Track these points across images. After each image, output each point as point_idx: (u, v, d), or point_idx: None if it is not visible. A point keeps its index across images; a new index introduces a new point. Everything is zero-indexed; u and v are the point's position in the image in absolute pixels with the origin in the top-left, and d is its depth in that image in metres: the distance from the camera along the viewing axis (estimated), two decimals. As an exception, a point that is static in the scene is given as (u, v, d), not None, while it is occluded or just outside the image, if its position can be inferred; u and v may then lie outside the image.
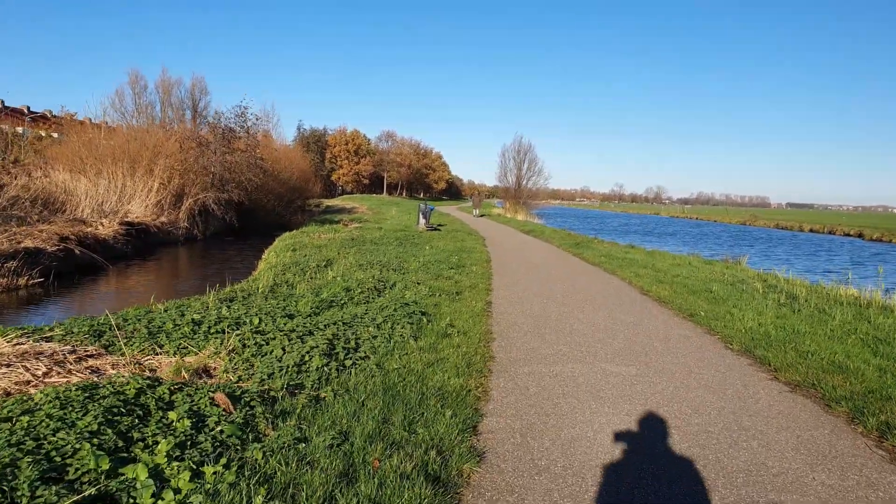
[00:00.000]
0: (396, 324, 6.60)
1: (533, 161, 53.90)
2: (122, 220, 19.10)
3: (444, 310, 8.26)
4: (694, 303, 9.98)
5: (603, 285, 12.15)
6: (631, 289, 11.87)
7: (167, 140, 25.12)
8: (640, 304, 10.12)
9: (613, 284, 12.32)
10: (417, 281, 10.77)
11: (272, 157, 34.37)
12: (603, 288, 11.77)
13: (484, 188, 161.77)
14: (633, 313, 9.22)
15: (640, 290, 11.66)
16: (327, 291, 8.55)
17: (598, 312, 9.17)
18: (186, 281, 14.74)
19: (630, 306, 9.82)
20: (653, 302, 10.36)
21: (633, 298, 10.65)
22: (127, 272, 15.69)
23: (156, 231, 20.96)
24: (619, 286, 12.11)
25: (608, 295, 10.91)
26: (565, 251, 19.84)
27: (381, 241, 18.97)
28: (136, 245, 19.77)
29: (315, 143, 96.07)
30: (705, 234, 52.63)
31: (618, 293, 11.18)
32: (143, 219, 20.56)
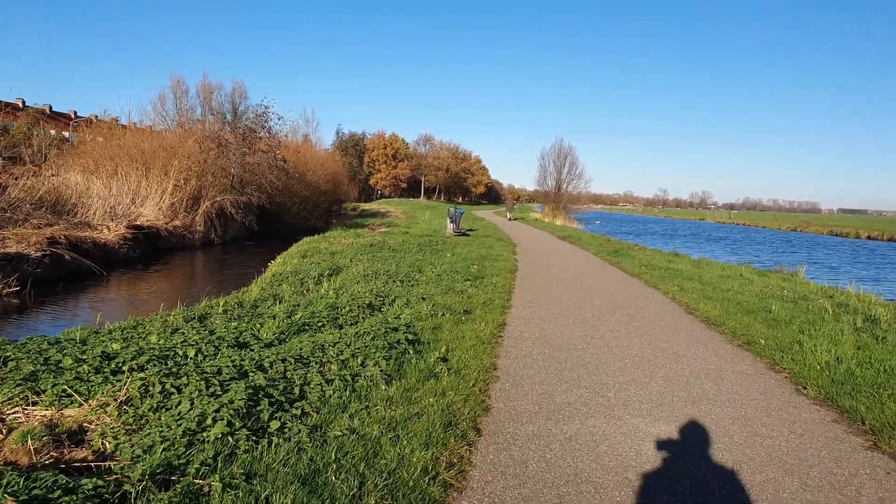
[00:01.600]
0: (369, 358, 5.18)
1: (573, 164, 52.16)
2: (130, 224, 18.19)
3: (443, 335, 6.83)
4: (750, 326, 8.34)
5: (642, 301, 10.54)
6: (674, 306, 10.25)
7: (185, 140, 24.31)
8: (685, 326, 8.52)
9: (654, 301, 10.71)
10: (423, 295, 9.37)
11: (298, 159, 33.45)
12: (641, 305, 10.17)
13: (524, 192, 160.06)
14: (677, 339, 7.64)
15: (685, 308, 10.04)
16: (302, 312, 7.17)
17: (633, 338, 7.61)
18: (184, 290, 13.64)
19: (673, 330, 8.23)
20: (700, 324, 8.74)
21: (676, 319, 9.04)
22: (124, 280, 14.70)
23: (167, 235, 20.04)
24: (660, 303, 10.50)
25: (647, 314, 9.32)
26: (602, 259, 18.19)
27: (402, 248, 17.64)
28: (146, 250, 18.87)
29: (353, 147, 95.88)
30: (756, 241, 49.87)
31: (659, 312, 9.58)
32: (154, 222, 19.66)
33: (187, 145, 23.90)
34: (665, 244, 37.13)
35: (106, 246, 15.96)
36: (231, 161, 24.59)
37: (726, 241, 49.57)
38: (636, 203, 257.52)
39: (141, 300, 12.46)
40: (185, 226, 21.46)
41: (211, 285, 12.71)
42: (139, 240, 18.16)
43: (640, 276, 14.11)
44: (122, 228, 17.57)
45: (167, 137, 24.09)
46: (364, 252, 16.21)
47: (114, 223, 17.82)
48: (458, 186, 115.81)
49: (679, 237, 51.85)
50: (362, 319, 7.48)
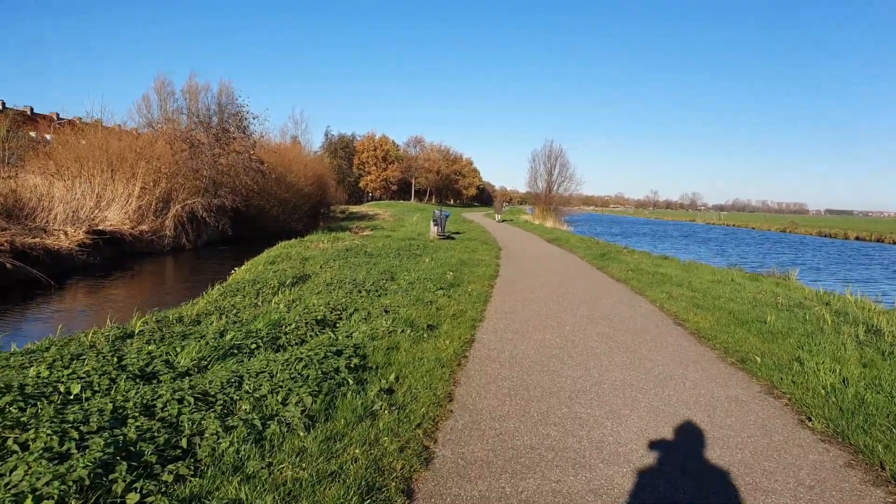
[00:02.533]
0: (293, 394, 4.32)
1: (564, 166, 51.40)
2: (91, 229, 17.27)
3: (397, 357, 6.02)
4: (744, 339, 7.58)
5: (627, 311, 9.76)
6: (662, 316, 9.47)
7: (154, 140, 23.36)
8: (674, 340, 7.74)
9: (641, 310, 9.93)
10: (388, 307, 8.55)
11: (278, 160, 32.52)
12: (627, 315, 9.39)
13: (517, 194, 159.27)
14: (664, 357, 6.85)
15: (673, 319, 9.27)
16: (235, 332, 6.28)
17: (615, 356, 6.82)
18: (138, 301, 12.75)
19: (660, 345, 7.44)
20: (689, 337, 7.97)
21: (664, 331, 8.26)
22: (77, 289, 13.79)
23: (133, 241, 19.09)
24: (647, 312, 9.72)
25: (632, 326, 8.53)
26: (588, 263, 17.43)
27: (380, 252, 16.81)
28: (110, 256, 17.96)
29: (343, 148, 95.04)
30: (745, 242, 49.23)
31: (645, 323, 8.80)
32: (118, 227, 18.71)
33: (157, 146, 22.96)
34: (654, 247, 36.48)
35: (59, 252, 15.03)
36: (203, 162, 23.66)
37: (713, 241, 48.95)
38: (627, 204, 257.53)
39: (87, 312, 11.58)
40: (153, 230, 20.49)
41: (171, 294, 11.85)
42: (100, 246, 17.24)
43: (627, 281, 13.35)
44: (80, 234, 16.65)
45: (137, 138, 23.09)
46: (338, 257, 15.37)
47: (73, 228, 16.90)
48: (450, 189, 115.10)
49: (669, 238, 51.20)
50: (310, 338, 6.66)
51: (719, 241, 50.86)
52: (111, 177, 20.34)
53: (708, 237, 55.71)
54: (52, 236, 15.74)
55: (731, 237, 56.72)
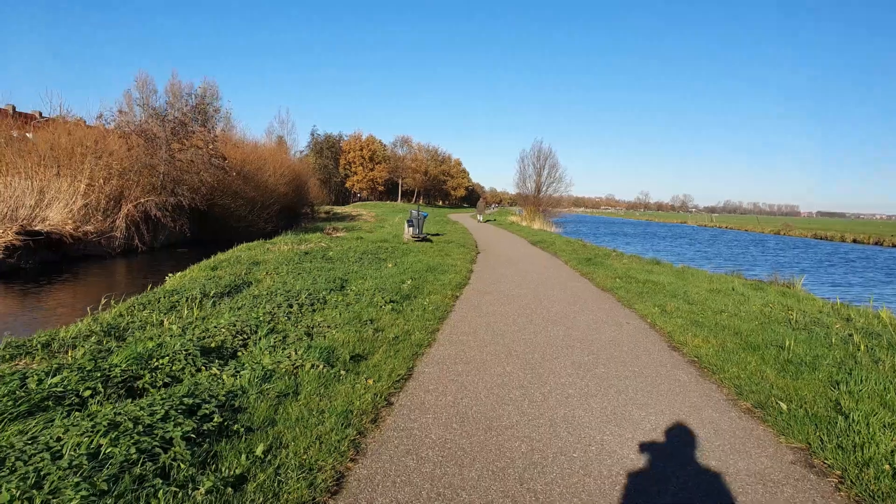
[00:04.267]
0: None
1: (554, 167, 49.77)
2: (23, 229, 15.46)
3: (288, 410, 4.32)
4: (759, 373, 5.94)
5: (612, 331, 8.10)
6: (654, 337, 7.82)
7: (106, 135, 21.49)
8: (669, 374, 6.07)
9: (628, 329, 8.27)
10: (313, 329, 6.85)
11: (246, 157, 30.65)
12: (611, 337, 7.72)
13: (507, 196, 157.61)
14: (657, 402, 5.19)
15: (668, 341, 7.62)
16: (67, 373, 4.56)
17: (593, 401, 5.15)
18: (43, 314, 10.99)
19: (652, 381, 5.78)
20: (689, 368, 6.32)
21: (657, 360, 6.60)
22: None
23: (74, 242, 17.25)
24: (636, 332, 8.07)
25: (617, 353, 6.87)
26: (573, 269, 15.79)
27: (341, 256, 15.09)
28: (47, 259, 16.17)
29: (329, 148, 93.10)
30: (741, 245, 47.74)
31: (633, 348, 7.14)
32: (57, 227, 16.87)
33: (109, 141, 21.10)
34: (645, 250, 34.91)
35: (-27, 257, 13.26)
36: (159, 158, 21.80)
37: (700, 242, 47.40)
38: (618, 206, 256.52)
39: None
40: (100, 231, 18.61)
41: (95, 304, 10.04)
42: (36, 248, 15.45)
43: (614, 291, 11.71)
44: (10, 235, 14.84)
45: (89, 131, 21.21)
46: (292, 262, 13.66)
47: (1, 229, 15.08)
48: (438, 189, 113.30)
49: (660, 240, 49.62)
50: (187, 376, 4.96)
51: (708, 242, 49.35)
52: (57, 173, 18.49)
53: (700, 239, 54.20)
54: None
55: (725, 240, 55.24)
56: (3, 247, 14.43)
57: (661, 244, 44.49)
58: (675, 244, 45.15)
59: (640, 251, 30.96)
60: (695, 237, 58.18)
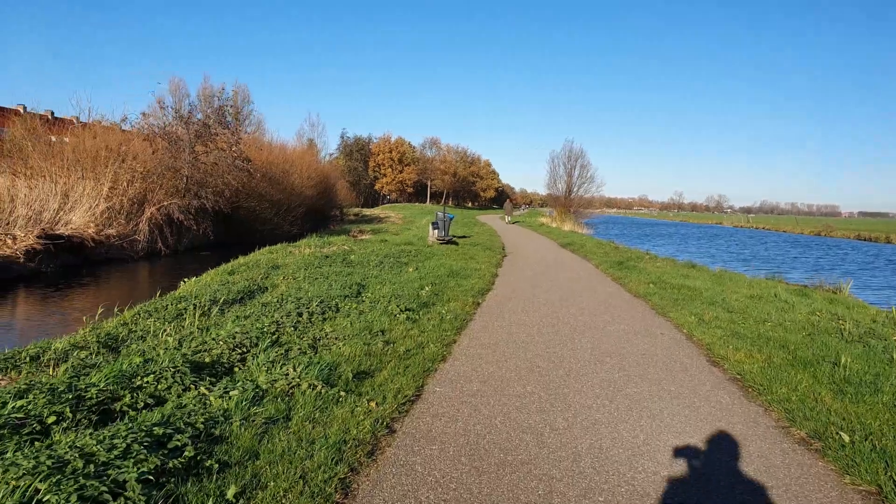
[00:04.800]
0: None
1: (584, 167, 48.70)
2: (45, 233, 15.34)
3: (274, 441, 3.82)
4: (812, 394, 5.28)
5: (645, 342, 7.46)
6: (691, 350, 7.17)
7: (130, 138, 21.41)
8: (711, 394, 5.43)
9: (663, 340, 7.62)
10: (318, 340, 6.39)
11: (271, 159, 30.47)
12: (644, 350, 7.09)
13: (537, 197, 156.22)
14: (698, 429, 4.56)
15: (706, 354, 6.96)
16: (34, 395, 4.11)
17: (622, 427, 4.55)
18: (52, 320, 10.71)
19: (689, 404, 5.15)
20: (732, 387, 5.67)
21: (695, 378, 5.95)
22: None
23: (95, 246, 17.11)
24: (671, 344, 7.42)
25: (651, 369, 6.23)
26: (604, 273, 15.11)
27: (362, 260, 14.64)
28: (70, 263, 16.04)
29: (358, 151, 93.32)
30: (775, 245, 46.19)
31: (668, 363, 6.50)
32: (78, 231, 16.76)
33: (134, 144, 21.04)
34: (679, 252, 33.86)
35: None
36: (183, 160, 21.66)
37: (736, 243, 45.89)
38: (651, 207, 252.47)
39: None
40: (123, 234, 18.49)
41: (108, 310, 9.74)
42: (57, 252, 15.32)
43: (648, 297, 11.04)
44: (31, 238, 14.71)
45: (113, 134, 21.17)
46: (311, 266, 13.25)
47: (22, 232, 14.98)
48: (467, 191, 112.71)
49: (694, 241, 48.25)
50: (172, 396, 4.52)
51: (743, 243, 47.81)
52: (81, 176, 18.45)
53: (736, 240, 52.62)
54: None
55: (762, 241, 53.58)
56: (24, 251, 14.29)
57: (695, 245, 43.28)
58: (710, 245, 43.86)
59: (673, 253, 30.02)
60: (731, 238, 56.56)
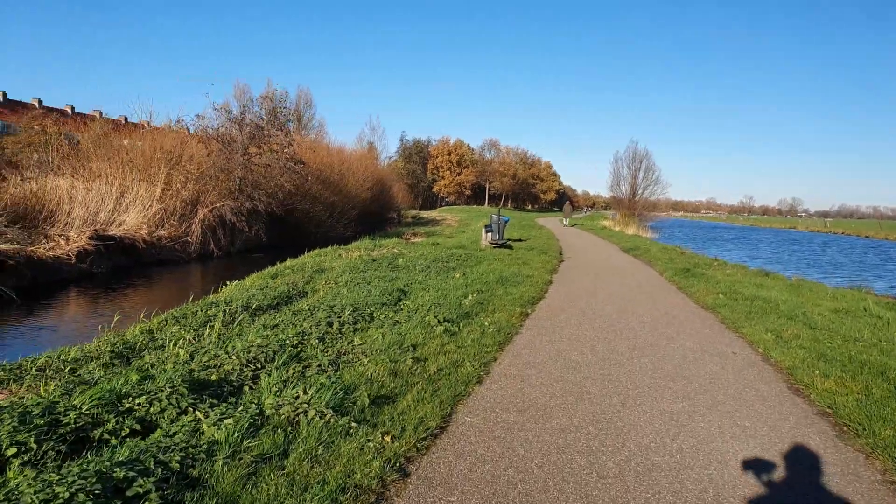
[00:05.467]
0: None
1: (650, 169, 46.95)
2: (97, 234, 15.39)
3: (259, 488, 3.18)
4: (928, 439, 4.31)
5: (715, 364, 6.53)
6: (769, 374, 6.22)
7: (185, 140, 21.53)
8: (795, 434, 4.53)
9: (735, 363, 6.67)
10: (342, 355, 5.78)
11: (323, 161, 30.34)
12: (713, 373, 6.17)
13: (600, 199, 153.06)
14: (781, 480, 3.70)
15: (787, 381, 6.02)
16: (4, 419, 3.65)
17: (688, 476, 3.72)
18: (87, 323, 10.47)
19: (771, 448, 4.26)
20: (822, 426, 4.74)
21: (776, 413, 5.03)
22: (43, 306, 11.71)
23: (146, 247, 17.14)
24: (745, 367, 6.47)
25: (722, 400, 5.32)
26: (668, 281, 14.06)
27: (409, 264, 14.04)
28: (121, 264, 16.08)
29: (417, 153, 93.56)
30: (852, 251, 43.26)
31: (743, 392, 5.57)
32: (131, 232, 16.81)
33: (189, 146, 21.17)
34: (749, 257, 32.00)
35: (42, 261, 13.11)
36: (236, 162, 21.64)
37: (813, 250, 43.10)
38: (719, 210, 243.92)
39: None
40: (174, 236, 18.52)
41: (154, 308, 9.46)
42: (106, 253, 15.36)
43: (717, 309, 10.02)
44: (83, 239, 14.77)
45: (168, 136, 21.37)
46: (355, 270, 12.75)
47: (75, 233, 15.07)
48: (527, 193, 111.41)
49: (766, 245, 45.70)
50: (165, 421, 3.99)
51: (820, 250, 44.95)
52: (136, 178, 18.62)
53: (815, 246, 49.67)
54: (48, 243, 14.00)
55: (841, 247, 50.41)
56: (76, 251, 14.34)
57: (765, 250, 40.99)
58: (782, 250, 41.45)
59: (742, 259, 28.37)
60: (810, 244, 53.47)
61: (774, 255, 37.30)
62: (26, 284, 12.39)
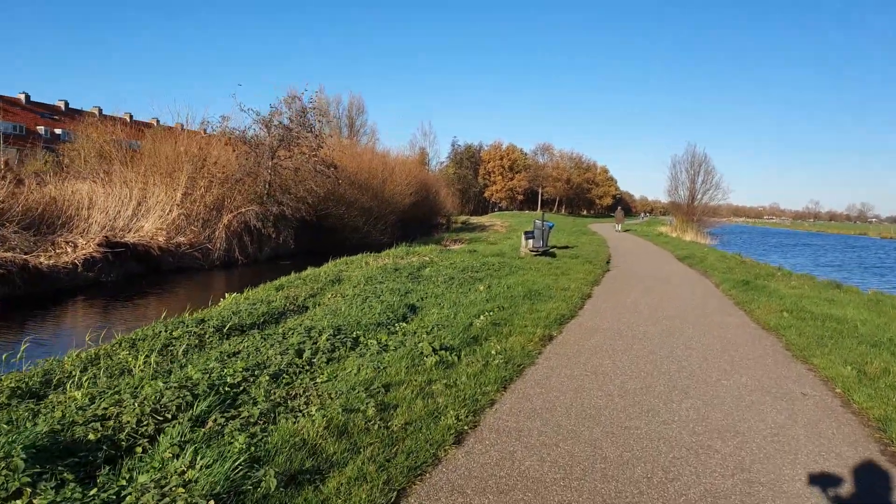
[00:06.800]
0: None
1: (709, 173, 44.52)
2: (107, 241, 14.72)
3: None
4: None
5: (778, 413, 5.07)
6: (852, 428, 4.75)
7: (209, 143, 20.86)
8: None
9: (805, 411, 5.19)
10: (278, 407, 4.56)
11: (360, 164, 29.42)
12: (777, 426, 4.72)
13: (658, 204, 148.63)
14: None
15: (879, 441, 4.55)
16: None
17: None
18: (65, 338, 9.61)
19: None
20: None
21: (866, 486, 3.60)
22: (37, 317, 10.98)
23: (162, 254, 16.41)
24: (819, 419, 4.99)
25: (790, 473, 3.90)
26: (725, 295, 12.45)
27: (435, 274, 12.84)
28: (132, 272, 15.36)
29: (468, 159, 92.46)
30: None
31: (817, 455, 4.13)
32: (145, 238, 16.08)
33: (212, 148, 20.52)
34: (816, 266, 29.52)
35: (38, 271, 12.43)
36: (263, 166, 20.85)
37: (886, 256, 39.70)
38: (783, 216, 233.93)
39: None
40: (195, 242, 17.76)
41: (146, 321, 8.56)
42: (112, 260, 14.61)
43: (781, 331, 8.48)
44: (91, 247, 14.12)
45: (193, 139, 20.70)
46: (373, 281, 11.65)
47: (84, 240, 14.46)
48: (581, 198, 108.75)
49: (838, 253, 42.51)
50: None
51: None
52: (160, 183, 18.04)
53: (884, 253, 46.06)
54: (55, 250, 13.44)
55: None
56: (83, 259, 13.70)
57: (827, 258, 38.11)
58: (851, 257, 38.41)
59: (808, 267, 26.12)
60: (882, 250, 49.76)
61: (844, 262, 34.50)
62: (20, 294, 11.74)
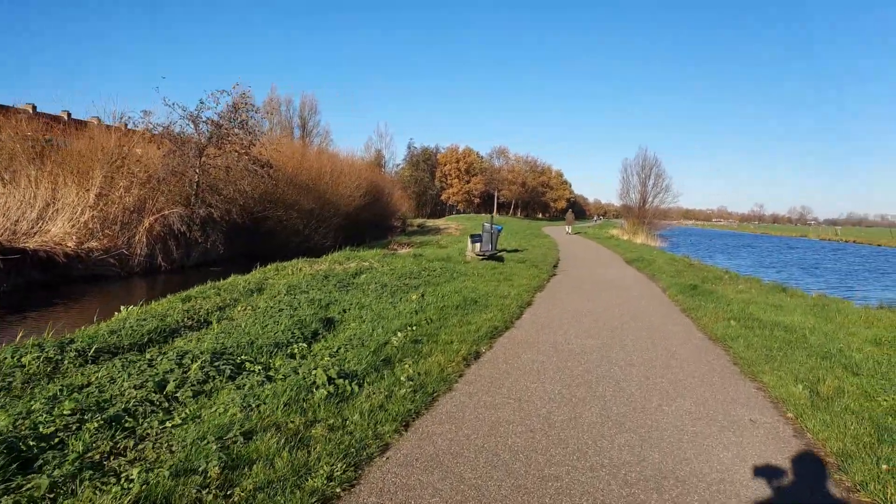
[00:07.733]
0: None
1: (660, 176, 44.69)
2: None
3: None
4: None
5: (727, 449, 4.33)
6: (811, 467, 4.03)
7: (129, 139, 19.29)
8: None
9: (753, 443, 4.47)
10: (81, 472, 3.62)
11: (300, 164, 28.18)
12: (722, 464, 3.98)
13: (611, 207, 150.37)
14: None
15: (839, 483, 3.82)
16: None
17: None
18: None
19: None
20: None
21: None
22: None
23: (70, 261, 14.93)
24: (770, 453, 4.27)
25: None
26: (672, 301, 11.88)
27: (367, 282, 11.92)
28: (33, 280, 13.91)
29: (425, 161, 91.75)
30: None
31: None
32: (47, 244, 14.57)
33: (138, 147, 19.05)
34: (761, 266, 29.62)
35: None
36: (189, 164, 19.47)
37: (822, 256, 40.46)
38: (731, 219, 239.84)
39: None
40: (109, 247, 16.29)
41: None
42: (3, 269, 13.15)
43: (728, 342, 7.87)
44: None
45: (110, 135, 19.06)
46: (295, 290, 10.64)
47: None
48: (536, 201, 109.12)
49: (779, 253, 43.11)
50: None
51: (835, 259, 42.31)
52: (66, 181, 16.50)
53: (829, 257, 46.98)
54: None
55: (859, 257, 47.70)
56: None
57: (772, 259, 38.58)
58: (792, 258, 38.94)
59: (753, 268, 26.10)
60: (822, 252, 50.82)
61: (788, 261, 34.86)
62: None
